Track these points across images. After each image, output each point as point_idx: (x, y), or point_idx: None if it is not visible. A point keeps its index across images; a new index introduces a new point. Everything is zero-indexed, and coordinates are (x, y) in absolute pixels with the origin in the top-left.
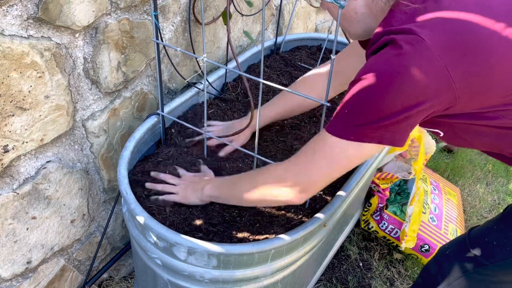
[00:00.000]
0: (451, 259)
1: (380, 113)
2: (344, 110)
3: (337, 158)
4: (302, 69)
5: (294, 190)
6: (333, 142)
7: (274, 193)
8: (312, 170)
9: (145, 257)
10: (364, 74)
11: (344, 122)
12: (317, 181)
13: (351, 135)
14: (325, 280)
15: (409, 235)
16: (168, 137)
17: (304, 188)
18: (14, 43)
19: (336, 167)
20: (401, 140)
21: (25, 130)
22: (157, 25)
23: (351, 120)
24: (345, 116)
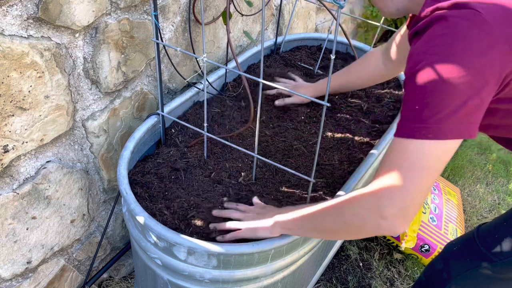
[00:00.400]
0: (459, 256)
1: (452, 101)
2: (412, 107)
3: (426, 163)
4: (302, 69)
5: (395, 217)
6: (414, 147)
7: (371, 225)
8: (405, 187)
9: (145, 257)
10: (419, 62)
11: (416, 121)
12: (415, 198)
13: (429, 133)
14: (325, 280)
15: (409, 235)
16: (168, 137)
17: (405, 211)
18: (14, 43)
19: (429, 174)
20: (475, 130)
21: (25, 130)
22: (157, 25)
23: (424, 117)
24: (415, 113)
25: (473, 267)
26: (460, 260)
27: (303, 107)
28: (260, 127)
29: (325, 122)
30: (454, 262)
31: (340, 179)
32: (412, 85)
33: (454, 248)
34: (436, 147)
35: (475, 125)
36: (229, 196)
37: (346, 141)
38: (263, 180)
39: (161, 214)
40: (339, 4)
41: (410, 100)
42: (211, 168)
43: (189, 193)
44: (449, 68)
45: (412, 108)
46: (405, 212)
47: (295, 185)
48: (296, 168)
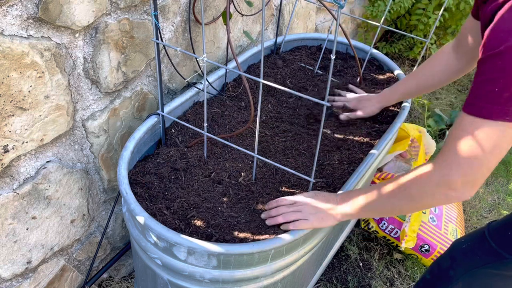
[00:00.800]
0: (468, 253)
1: None
2: (491, 88)
3: (498, 143)
4: (302, 69)
5: (464, 188)
6: (488, 127)
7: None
8: (474, 165)
9: (145, 257)
10: (504, 42)
11: (494, 103)
12: (483, 174)
13: (507, 115)
14: (325, 280)
15: (409, 235)
16: (168, 137)
17: (474, 183)
18: (14, 43)
19: (499, 153)
20: None
21: (25, 130)
22: (157, 25)
23: (504, 99)
24: (493, 95)
25: (482, 265)
26: (469, 258)
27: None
28: (260, 127)
29: (324, 122)
30: (462, 260)
31: (340, 179)
32: (492, 66)
33: (464, 245)
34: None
35: None
36: (229, 196)
37: (346, 141)
38: (263, 180)
39: (161, 214)
40: (339, 4)
41: (488, 81)
42: (211, 168)
43: (189, 193)
44: None
45: (490, 89)
46: (474, 183)
47: (295, 185)
48: (296, 168)
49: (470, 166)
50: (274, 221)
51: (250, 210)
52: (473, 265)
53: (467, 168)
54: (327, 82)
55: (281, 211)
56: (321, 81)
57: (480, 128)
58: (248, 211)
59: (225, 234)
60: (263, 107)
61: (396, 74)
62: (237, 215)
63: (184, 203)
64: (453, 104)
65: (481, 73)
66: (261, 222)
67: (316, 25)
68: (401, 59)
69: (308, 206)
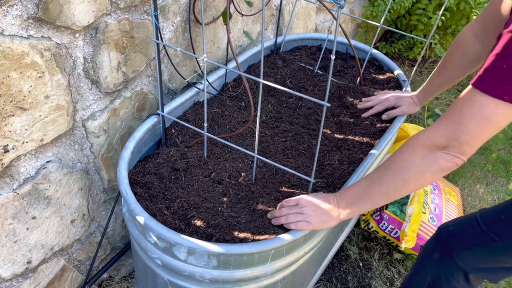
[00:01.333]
0: (456, 235)
1: None
2: (499, 64)
3: (494, 119)
4: (302, 69)
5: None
6: (481, 99)
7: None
8: (461, 132)
9: (145, 257)
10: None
11: (498, 78)
12: (473, 146)
13: (505, 95)
14: (325, 280)
15: (409, 235)
16: (168, 137)
17: (459, 149)
18: (14, 43)
19: (493, 129)
20: None
21: (25, 130)
22: (157, 25)
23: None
24: (500, 71)
25: (468, 247)
26: (456, 240)
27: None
28: (260, 127)
29: (324, 122)
30: (448, 242)
31: (340, 179)
32: (507, 42)
33: (451, 228)
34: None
35: None
36: (229, 196)
37: (346, 141)
38: (263, 180)
39: (161, 214)
40: (339, 4)
41: (499, 57)
42: (211, 168)
43: (189, 193)
44: None
45: (498, 65)
46: (460, 150)
47: (295, 185)
48: (296, 168)
49: (455, 130)
50: (277, 222)
51: (250, 210)
52: (459, 248)
53: (452, 131)
54: (327, 82)
55: (283, 212)
56: (321, 81)
57: (476, 100)
58: (248, 211)
59: (225, 234)
60: (263, 107)
61: (396, 74)
62: (237, 215)
63: (184, 203)
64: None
65: (495, 48)
66: (261, 222)
67: (316, 25)
68: (401, 59)
69: (310, 208)
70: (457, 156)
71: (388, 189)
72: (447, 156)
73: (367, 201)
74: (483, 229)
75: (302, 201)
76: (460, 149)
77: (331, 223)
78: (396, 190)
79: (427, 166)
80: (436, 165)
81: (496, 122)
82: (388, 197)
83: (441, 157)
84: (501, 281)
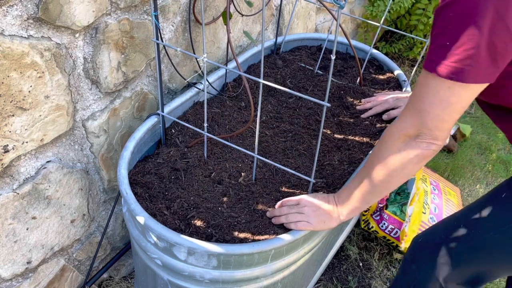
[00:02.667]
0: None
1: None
2: (440, 41)
3: (447, 101)
4: (302, 69)
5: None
6: (434, 82)
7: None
8: (427, 119)
9: (145, 257)
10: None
11: (443, 57)
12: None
13: (453, 73)
14: (325, 280)
15: (409, 235)
16: (168, 137)
17: (430, 135)
18: (14, 43)
19: (451, 110)
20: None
21: (25, 130)
22: (157, 25)
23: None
24: (444, 49)
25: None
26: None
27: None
28: (260, 127)
29: (325, 122)
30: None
31: (340, 179)
32: (444, 17)
33: (419, 239)
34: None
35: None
36: (229, 196)
37: (346, 141)
38: (263, 180)
39: (161, 214)
40: (339, 4)
41: (440, 34)
42: (211, 168)
43: (189, 193)
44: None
45: (441, 43)
46: (431, 135)
47: (295, 185)
48: (296, 168)
49: (421, 118)
50: (277, 221)
51: (250, 210)
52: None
53: (418, 119)
54: (327, 82)
55: (283, 211)
56: (321, 81)
57: (429, 84)
58: (248, 211)
59: (225, 234)
60: (263, 107)
61: (396, 74)
62: (237, 215)
63: (184, 203)
64: None
65: (434, 25)
66: (261, 222)
67: (316, 25)
68: (401, 59)
69: (310, 208)
70: (431, 142)
71: (376, 187)
72: (422, 144)
73: (361, 201)
74: (443, 239)
75: (303, 201)
76: (431, 135)
77: (331, 224)
78: (384, 187)
79: (406, 158)
80: (414, 156)
81: (456, 102)
82: (380, 194)
83: (417, 146)
84: (501, 281)
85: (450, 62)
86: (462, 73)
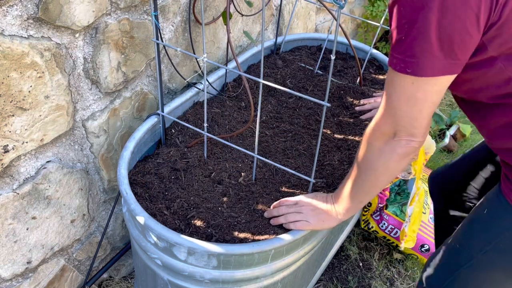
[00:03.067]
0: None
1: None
2: (398, 36)
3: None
4: (302, 69)
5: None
6: (398, 79)
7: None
8: (399, 117)
9: (145, 257)
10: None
11: (402, 52)
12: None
13: (409, 68)
14: (325, 280)
15: (409, 235)
16: (168, 137)
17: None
18: (14, 43)
19: (421, 107)
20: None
21: (25, 130)
22: (157, 25)
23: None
24: (402, 44)
25: None
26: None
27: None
28: (260, 127)
29: (325, 122)
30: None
31: (340, 179)
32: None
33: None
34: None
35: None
36: (229, 196)
37: (346, 141)
38: (263, 180)
39: (161, 214)
40: (339, 4)
41: (395, 29)
42: (211, 168)
43: (189, 193)
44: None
45: (397, 38)
46: (408, 132)
47: (295, 185)
48: (296, 168)
49: (393, 116)
50: (276, 222)
51: (250, 210)
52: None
53: (391, 118)
54: (327, 82)
55: (281, 211)
56: (321, 81)
57: (395, 81)
58: (248, 211)
59: (225, 234)
60: (263, 107)
61: None
62: (237, 215)
63: (184, 203)
64: (453, 104)
65: (390, 20)
66: (261, 222)
67: (316, 25)
68: None
69: (308, 208)
70: (410, 139)
71: (366, 187)
72: (401, 142)
73: (355, 200)
74: None
75: (301, 201)
76: (408, 132)
77: (331, 223)
78: (373, 186)
79: (387, 157)
80: (394, 154)
81: (423, 97)
82: (371, 193)
83: (396, 145)
84: None
85: (406, 57)
86: (418, 66)
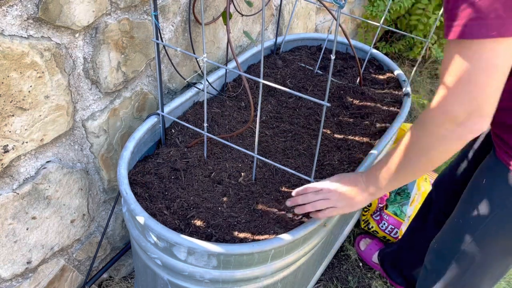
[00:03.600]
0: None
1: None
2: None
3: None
4: (302, 69)
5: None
6: (474, 47)
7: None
8: (477, 94)
9: (145, 257)
10: None
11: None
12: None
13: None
14: (325, 280)
15: None
16: (168, 137)
17: (480, 111)
18: (14, 43)
19: (497, 74)
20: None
21: (25, 130)
22: (157, 25)
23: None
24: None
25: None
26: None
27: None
28: (260, 127)
29: (325, 122)
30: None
31: None
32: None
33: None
34: (501, 45)
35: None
36: (229, 196)
37: (346, 141)
38: (263, 180)
39: (161, 214)
40: (339, 4)
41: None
42: (211, 168)
43: (189, 193)
44: None
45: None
46: (481, 111)
47: (295, 185)
48: (296, 168)
49: (467, 93)
50: (302, 210)
51: (250, 210)
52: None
53: (465, 96)
54: (327, 82)
55: (308, 199)
56: (321, 81)
57: (464, 50)
58: (248, 211)
59: (225, 234)
60: (263, 107)
61: (396, 74)
62: (237, 215)
63: (184, 203)
64: None
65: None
66: (261, 222)
67: (316, 25)
68: (401, 59)
69: (335, 193)
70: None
71: (414, 170)
72: (473, 126)
73: (393, 184)
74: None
75: (327, 185)
76: (481, 112)
77: (359, 205)
78: (422, 170)
79: (452, 143)
80: (462, 140)
81: (502, 64)
82: (415, 176)
83: (464, 131)
84: (501, 281)
85: (489, 20)
86: (504, 27)
